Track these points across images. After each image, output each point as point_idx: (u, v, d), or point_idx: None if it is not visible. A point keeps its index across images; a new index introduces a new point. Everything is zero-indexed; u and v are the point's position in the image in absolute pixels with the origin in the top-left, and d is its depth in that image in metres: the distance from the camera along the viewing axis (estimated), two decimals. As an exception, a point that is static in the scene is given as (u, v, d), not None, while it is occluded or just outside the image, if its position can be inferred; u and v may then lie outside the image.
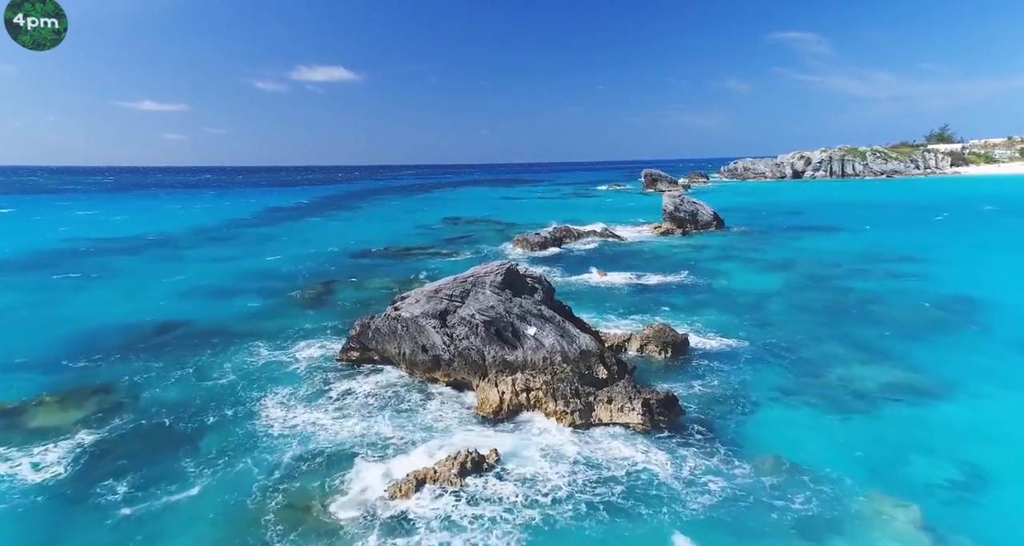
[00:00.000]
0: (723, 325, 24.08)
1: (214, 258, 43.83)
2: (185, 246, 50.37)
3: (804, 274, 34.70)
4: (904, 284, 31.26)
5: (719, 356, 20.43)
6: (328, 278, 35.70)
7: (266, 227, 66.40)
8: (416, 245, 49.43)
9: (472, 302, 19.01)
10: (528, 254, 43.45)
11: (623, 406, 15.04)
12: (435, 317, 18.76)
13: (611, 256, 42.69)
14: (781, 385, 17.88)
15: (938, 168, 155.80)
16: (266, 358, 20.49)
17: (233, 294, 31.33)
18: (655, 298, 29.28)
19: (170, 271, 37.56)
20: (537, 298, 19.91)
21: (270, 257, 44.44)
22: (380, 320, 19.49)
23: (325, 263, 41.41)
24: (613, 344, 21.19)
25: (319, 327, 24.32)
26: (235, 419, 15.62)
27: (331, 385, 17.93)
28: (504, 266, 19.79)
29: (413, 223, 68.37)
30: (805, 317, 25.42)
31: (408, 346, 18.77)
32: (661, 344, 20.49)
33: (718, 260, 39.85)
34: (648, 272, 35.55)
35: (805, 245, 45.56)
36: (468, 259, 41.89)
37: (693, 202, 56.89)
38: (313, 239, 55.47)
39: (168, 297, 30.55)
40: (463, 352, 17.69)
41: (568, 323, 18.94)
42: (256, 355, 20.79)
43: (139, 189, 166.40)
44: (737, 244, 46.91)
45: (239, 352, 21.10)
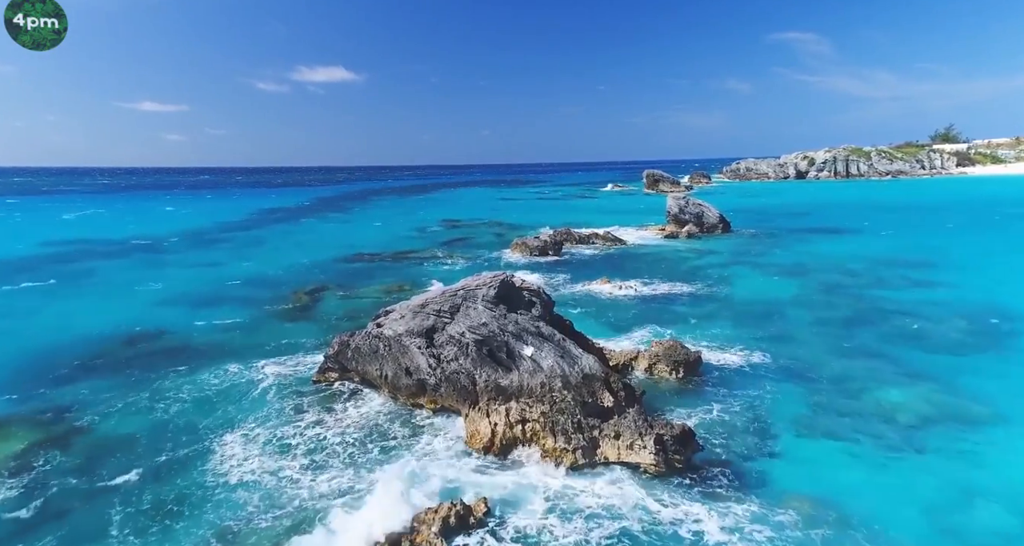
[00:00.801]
0: (738, 339, 22.09)
1: (198, 263, 41.90)
2: (170, 250, 48.44)
3: (819, 281, 32.71)
4: (929, 293, 29.25)
5: (736, 376, 18.45)
6: (316, 285, 33.76)
7: (258, 230, 64.49)
8: (411, 249, 47.49)
9: (462, 318, 17.05)
10: (527, 259, 41.50)
11: (633, 443, 13.06)
12: (421, 335, 16.79)
13: (614, 261, 40.73)
14: (809, 413, 15.89)
15: (944, 168, 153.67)
16: (235, 379, 18.51)
17: (211, 303, 29.37)
18: (662, 308, 27.31)
19: (149, 277, 35.62)
20: (535, 313, 17.93)
21: (257, 262, 42.51)
22: (360, 338, 17.53)
23: (314, 269, 39.48)
24: (619, 363, 19.23)
25: (298, 342, 22.35)
26: (185, 461, 13.49)
27: (303, 414, 15.95)
28: (498, 278, 17.83)
29: (410, 225, 66.46)
30: (826, 330, 23.43)
31: (390, 368, 16.80)
32: (672, 363, 18.51)
33: (727, 265, 37.87)
34: (654, 279, 33.59)
35: (817, 249, 43.56)
36: (464, 265, 39.96)
37: (698, 204, 54.91)
38: (305, 242, 53.57)
39: (141, 306, 28.59)
40: (451, 376, 15.72)
41: (569, 342, 16.97)
42: (224, 375, 18.80)
43: (134, 190, 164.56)
44: (746, 248, 44.91)
45: (206, 371, 19.12)
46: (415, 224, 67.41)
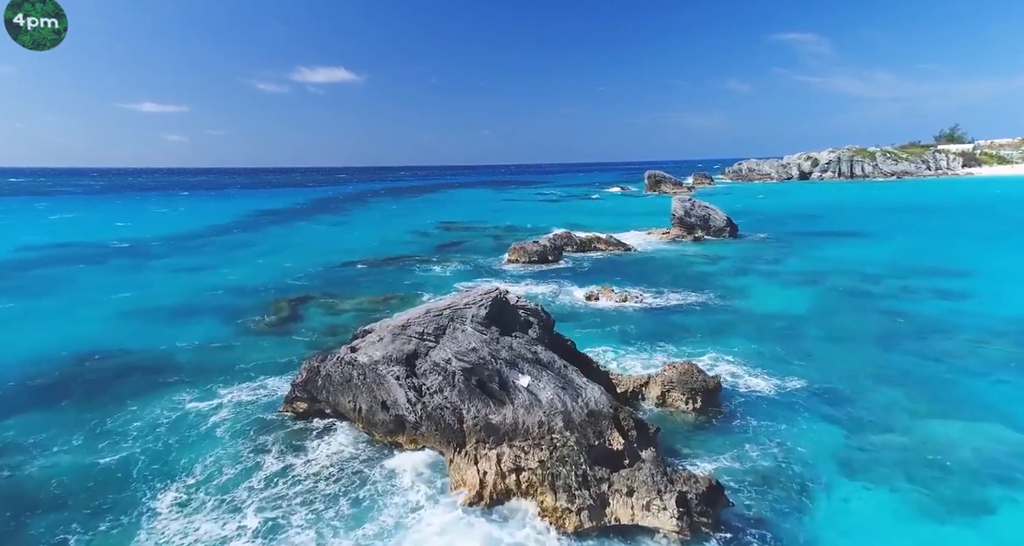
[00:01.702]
0: (758, 360, 19.89)
1: (179, 268, 39.70)
2: (152, 254, 46.22)
3: (839, 291, 30.49)
4: (958, 305, 27.04)
5: (761, 407, 16.24)
6: (300, 294, 31.59)
7: (248, 232, 62.27)
8: (404, 254, 45.28)
9: (449, 342, 14.85)
10: (525, 266, 39.30)
11: (650, 503, 10.85)
12: (400, 363, 14.58)
13: (618, 268, 38.51)
14: (850, 455, 13.67)
15: (950, 169, 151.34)
16: (192, 411, 16.28)
17: (183, 315, 27.19)
18: (672, 322, 25.10)
19: (121, 285, 33.40)
20: (532, 335, 15.75)
21: (242, 267, 40.33)
22: (332, 364, 15.32)
23: (301, 275, 37.28)
24: (627, 390, 17.03)
25: (271, 362, 20.14)
26: (113, 529, 11.12)
27: (264, 457, 13.71)
28: (490, 295, 15.63)
29: (405, 228, 64.24)
30: (854, 349, 21.21)
31: (365, 401, 14.59)
32: (688, 391, 16.30)
33: (738, 273, 35.64)
34: (661, 288, 31.38)
35: (830, 255, 41.34)
36: (459, 271, 37.75)
37: (705, 206, 52.70)
38: (295, 246, 51.38)
39: (103, 320, 26.36)
40: (434, 413, 13.51)
41: (571, 369, 14.79)
42: (180, 407, 16.56)
43: (129, 191, 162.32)
44: (756, 254, 42.70)
45: (161, 401, 16.88)
46: (411, 227, 65.19)
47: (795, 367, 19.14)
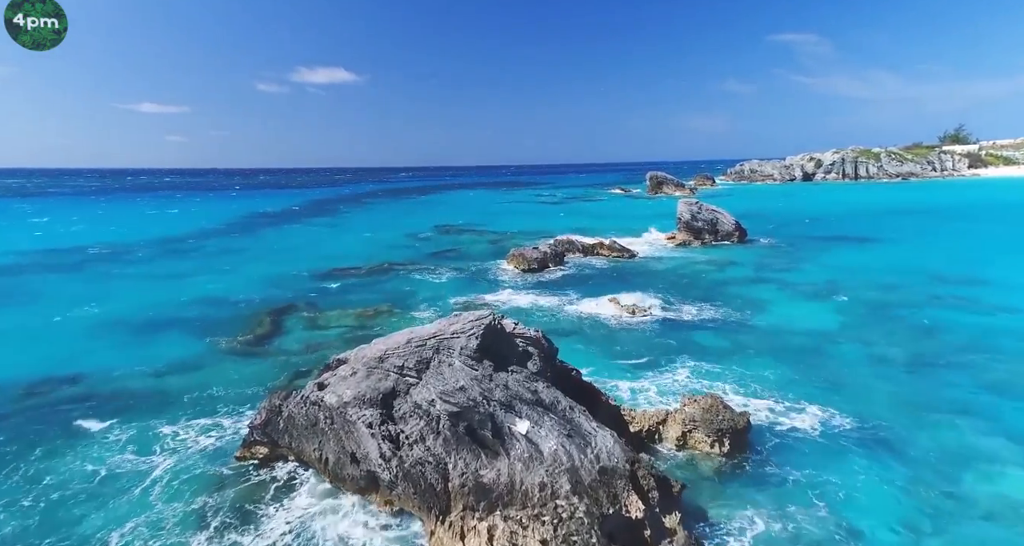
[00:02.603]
0: (788, 388, 17.61)
1: (157, 277, 37.41)
2: (131, 261, 43.90)
3: (862, 303, 28.21)
4: (996, 320, 24.78)
5: (798, 450, 13.97)
6: (282, 306, 29.34)
7: (237, 236, 59.98)
8: (398, 260, 42.98)
9: (433, 379, 12.57)
10: (524, 275, 37.02)
11: (681, 601, 8.59)
12: (375, 404, 12.29)
13: (623, 276, 36.23)
14: (915, 520, 11.40)
15: (955, 170, 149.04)
16: (136, 456, 13.95)
17: (151, 332, 24.91)
18: (686, 339, 22.83)
19: (90, 297, 31.08)
20: (531, 368, 13.47)
21: (225, 275, 38.05)
22: (295, 404, 13.03)
23: (287, 283, 35.01)
24: (642, 429, 14.77)
25: (235, 393, 17.84)
26: None
27: (207, 522, 11.38)
28: (482, 322, 13.34)
29: (400, 232, 61.95)
30: (892, 375, 18.93)
31: (332, 450, 12.31)
32: (713, 432, 14.03)
33: (752, 282, 33.36)
34: (671, 299, 29.11)
35: (847, 262, 39.06)
36: (454, 280, 35.48)
37: (712, 210, 50.43)
38: (284, 252, 49.11)
39: (60, 339, 24.04)
40: (413, 470, 11.21)
41: (578, 410, 12.52)
42: (124, 448, 14.26)
43: (123, 192, 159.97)
44: (767, 260, 40.41)
45: (90, 445, 14.50)
46: (406, 230, 62.88)
47: (831, 397, 16.87)
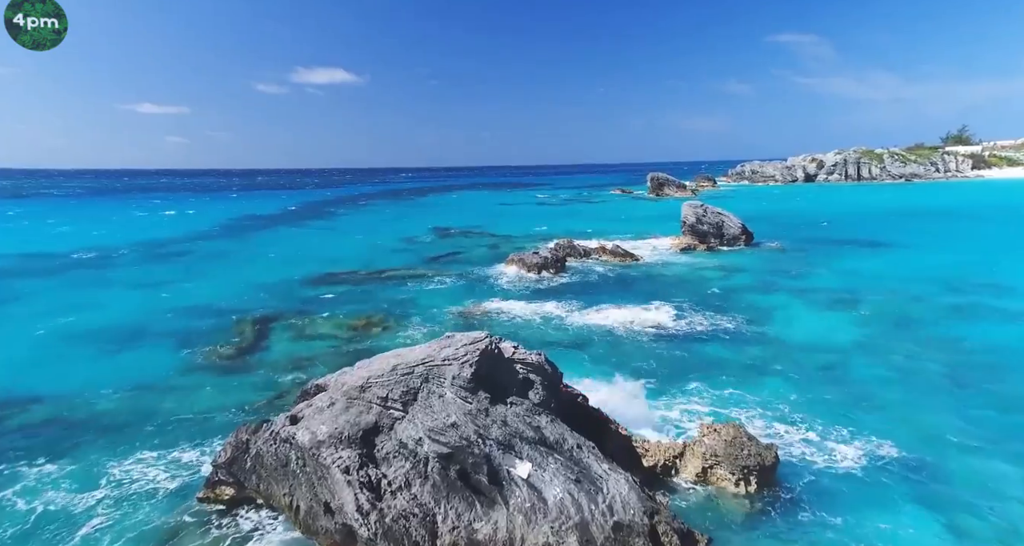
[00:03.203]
0: (814, 413, 16.00)
1: (139, 283, 35.73)
2: (114, 266, 42.25)
3: (881, 313, 26.61)
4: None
5: (836, 490, 12.34)
6: (268, 314, 27.75)
7: (228, 240, 58.33)
8: (393, 265, 41.37)
9: (421, 413, 10.96)
10: (524, 280, 35.42)
11: None
12: (353, 443, 10.67)
13: (627, 282, 34.64)
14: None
15: (959, 171, 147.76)
16: (66, 497, 12.30)
17: (123, 345, 23.27)
18: (698, 353, 21.24)
19: (65, 306, 29.43)
20: (534, 399, 11.86)
21: (211, 281, 36.44)
22: (264, 441, 11.40)
23: (275, 291, 33.39)
24: (657, 463, 13.16)
25: (205, 418, 16.19)
26: None
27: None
28: (477, 346, 11.71)
29: (397, 235, 60.35)
30: (930, 398, 17.31)
31: (303, 496, 10.68)
32: (738, 469, 12.41)
33: (763, 290, 31.75)
34: (679, 308, 27.49)
35: (861, 268, 37.45)
36: (452, 286, 33.86)
37: (718, 212, 48.83)
38: (276, 256, 47.48)
39: (24, 352, 22.33)
40: (395, 525, 9.59)
41: (587, 448, 10.93)
42: (56, 485, 12.58)
43: (118, 193, 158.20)
44: (777, 266, 38.82)
45: (29, 479, 12.86)
46: (403, 233, 61.28)
47: (864, 424, 15.26)
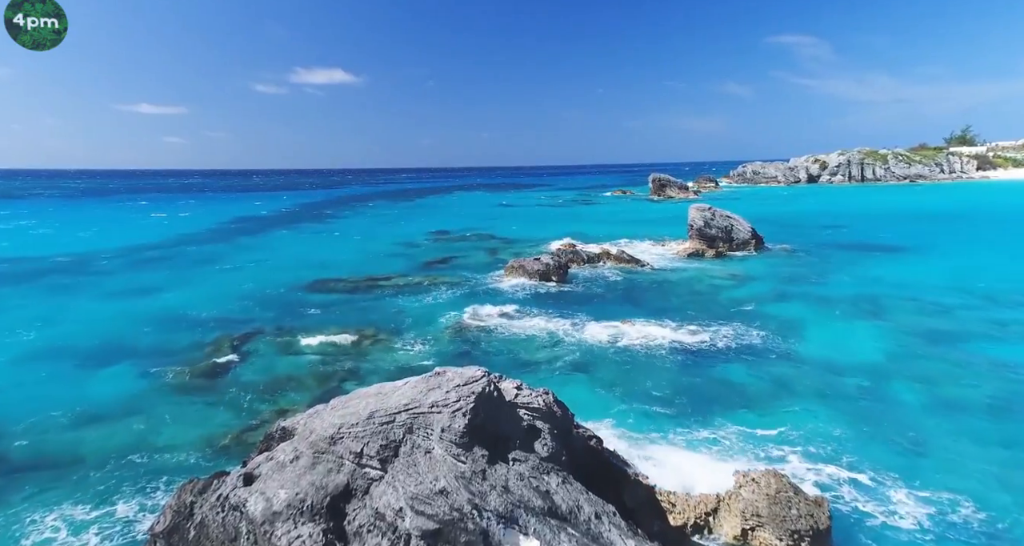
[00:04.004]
0: (860, 452, 13.96)
1: (116, 292, 33.66)
2: (93, 272, 40.13)
3: (910, 328, 24.55)
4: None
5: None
6: (251, 328, 25.74)
7: (217, 244, 56.21)
8: (387, 272, 39.29)
9: (403, 474, 8.91)
10: (525, 289, 33.37)
11: None
12: (317, 515, 8.61)
13: (635, 292, 32.60)
14: None
15: (964, 172, 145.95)
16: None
17: (86, 364, 21.19)
18: (719, 378, 19.19)
19: (33, 317, 27.34)
20: (541, 452, 9.81)
21: (193, 290, 34.39)
22: (210, 507, 9.32)
23: (260, 300, 31.37)
24: (687, 521, 11.13)
25: (161, 458, 14.11)
26: None
27: None
28: (473, 389, 9.64)
29: (392, 238, 58.33)
30: (980, 432, 15.26)
31: (256, 583, 8.63)
32: (787, 534, 10.38)
33: (780, 301, 29.71)
34: (693, 322, 25.45)
35: (882, 276, 35.41)
36: (448, 297, 31.80)
37: (727, 216, 46.81)
38: (265, 261, 45.41)
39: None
40: (366, 631, 7.57)
41: (606, 518, 8.88)
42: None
43: (110, 194, 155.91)
44: (792, 273, 36.79)
45: None
46: (399, 237, 59.27)
47: (919, 469, 13.22)
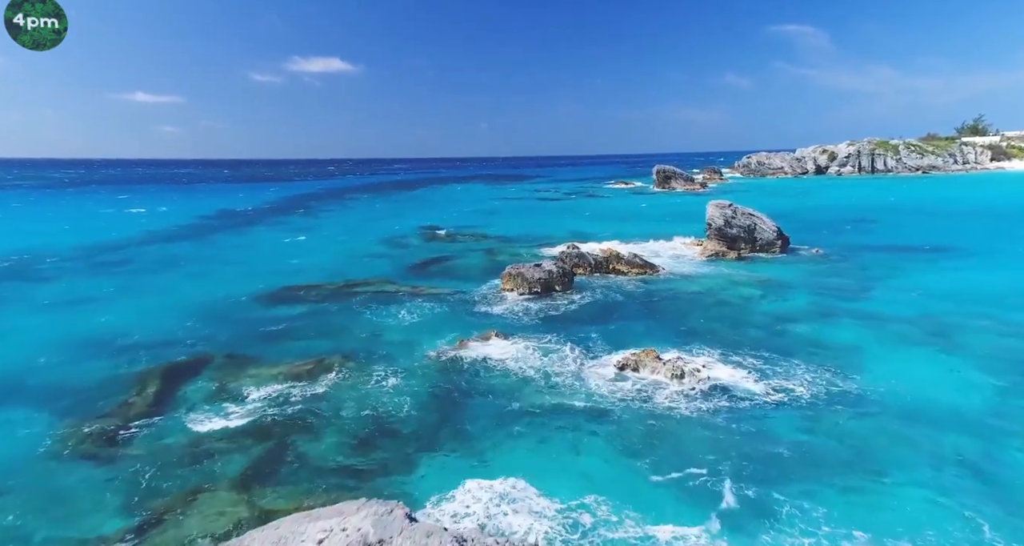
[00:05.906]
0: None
1: (48, 303, 28.94)
2: (30, 277, 35.34)
3: (1001, 359, 19.87)
4: None
5: None
6: (193, 353, 21.20)
7: (187, 242, 51.34)
8: (366, 277, 34.68)
9: None
10: (524, 301, 28.69)
11: None
12: None
13: (650, 306, 27.92)
14: None
15: (978, 163, 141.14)
16: None
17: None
18: (778, 440, 14.55)
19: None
20: None
21: (139, 300, 29.71)
22: None
23: (215, 314, 26.77)
24: None
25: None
26: None
27: None
28: None
29: (379, 236, 53.53)
30: None
31: None
32: None
33: (824, 319, 24.97)
34: (726, 349, 20.81)
35: (934, 284, 30.74)
36: (434, 313, 27.07)
37: (749, 214, 42.03)
38: (233, 264, 40.70)
39: None
40: None
41: None
42: None
43: (91, 185, 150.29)
44: (829, 281, 32.11)
45: None
46: (387, 235, 54.45)
47: None
